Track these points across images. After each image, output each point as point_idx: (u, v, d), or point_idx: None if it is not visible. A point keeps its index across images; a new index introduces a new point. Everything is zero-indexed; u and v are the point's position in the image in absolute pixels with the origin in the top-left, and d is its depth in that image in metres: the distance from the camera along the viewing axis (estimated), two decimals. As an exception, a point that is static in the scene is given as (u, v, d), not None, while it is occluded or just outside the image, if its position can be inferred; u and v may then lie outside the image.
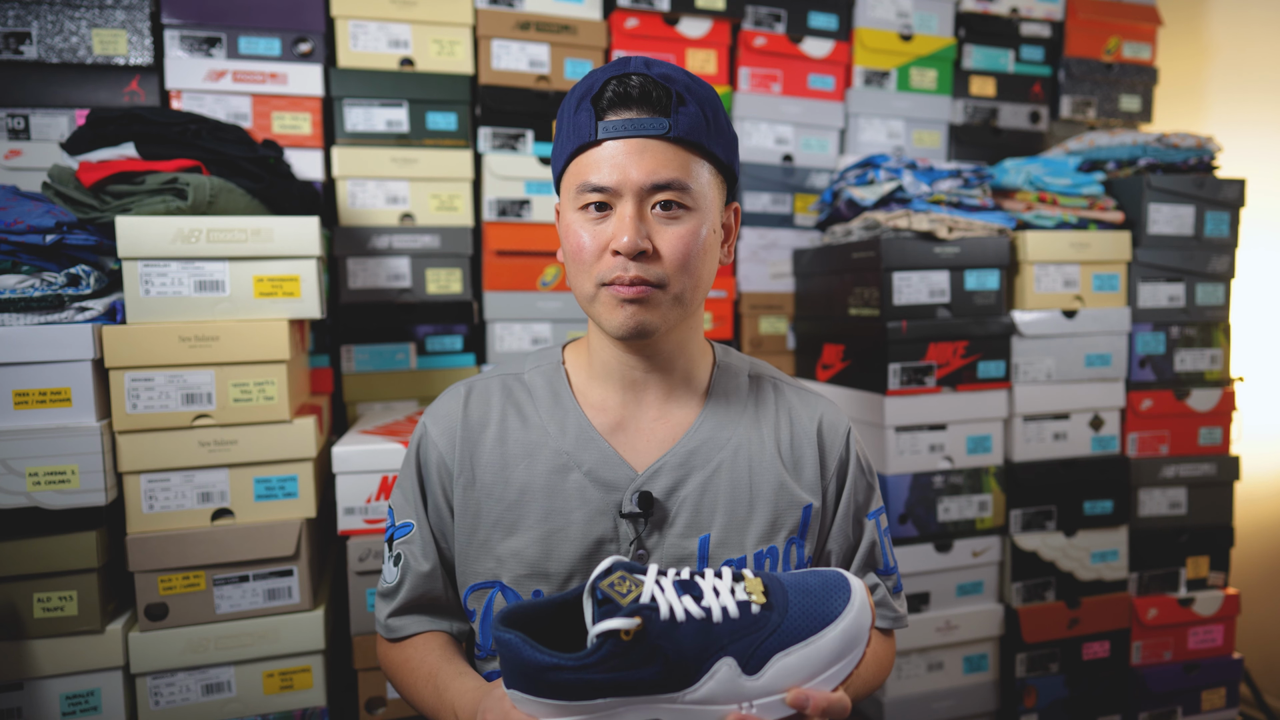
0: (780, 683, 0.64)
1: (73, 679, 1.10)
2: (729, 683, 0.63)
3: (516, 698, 0.63)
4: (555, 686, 0.61)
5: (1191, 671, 1.70)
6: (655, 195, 0.78)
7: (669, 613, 0.62)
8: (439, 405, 0.91)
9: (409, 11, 1.59)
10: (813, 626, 0.65)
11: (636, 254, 0.77)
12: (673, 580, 0.65)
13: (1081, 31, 2.03)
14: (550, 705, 0.62)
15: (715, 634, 0.63)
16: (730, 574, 0.67)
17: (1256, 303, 2.06)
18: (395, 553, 0.89)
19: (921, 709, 1.60)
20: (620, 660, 0.61)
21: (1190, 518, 1.72)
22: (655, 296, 0.79)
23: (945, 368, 1.56)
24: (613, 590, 0.62)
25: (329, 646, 1.23)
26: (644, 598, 0.62)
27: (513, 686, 0.63)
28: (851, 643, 0.65)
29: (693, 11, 1.76)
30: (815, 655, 0.64)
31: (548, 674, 0.61)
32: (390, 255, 1.62)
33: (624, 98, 0.78)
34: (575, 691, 0.61)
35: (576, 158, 0.81)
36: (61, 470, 1.06)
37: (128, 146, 1.23)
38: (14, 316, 1.06)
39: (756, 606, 0.64)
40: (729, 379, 0.92)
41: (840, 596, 0.66)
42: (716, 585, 0.65)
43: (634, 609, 0.61)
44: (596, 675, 0.61)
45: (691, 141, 0.79)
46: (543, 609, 0.67)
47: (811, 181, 1.90)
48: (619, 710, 0.62)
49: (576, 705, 0.62)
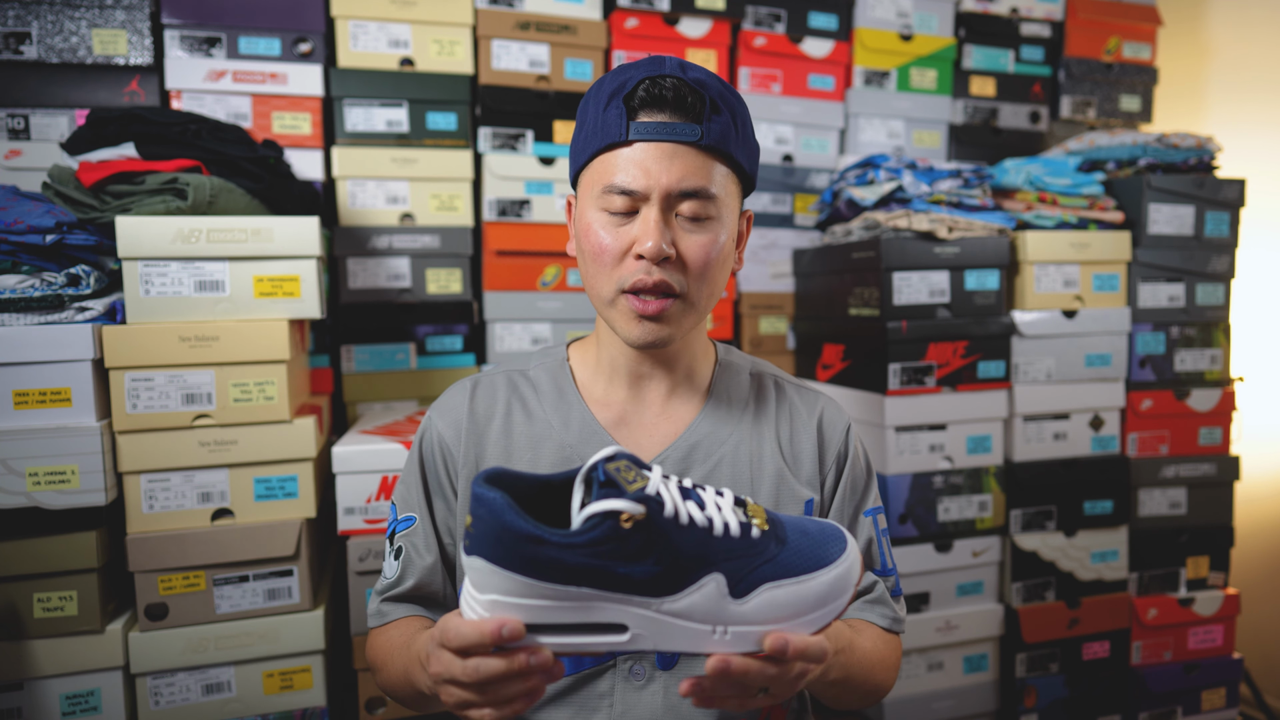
0: (763, 614, 0.61)
1: (73, 679, 1.10)
2: (713, 600, 0.59)
3: (479, 568, 0.57)
4: (530, 561, 0.56)
5: (1191, 671, 1.70)
6: (682, 202, 0.78)
7: (673, 512, 0.58)
8: (445, 399, 0.91)
9: (409, 11, 1.59)
10: (807, 566, 0.62)
11: (661, 259, 0.77)
12: (677, 484, 0.61)
13: (1081, 31, 2.03)
14: (518, 581, 0.56)
15: (712, 547, 0.59)
16: (732, 495, 0.65)
17: (1256, 303, 2.06)
18: (396, 546, 0.89)
19: (921, 709, 1.60)
20: (613, 547, 0.56)
21: (1190, 518, 1.72)
22: (674, 310, 0.80)
23: (945, 368, 1.56)
24: (619, 475, 0.58)
25: (329, 646, 1.23)
26: (650, 490, 0.58)
27: (479, 553, 0.57)
28: (838, 591, 0.63)
29: (693, 11, 1.76)
30: (805, 594, 0.62)
31: (526, 545, 0.55)
32: (390, 255, 1.62)
33: (658, 100, 0.77)
34: (552, 571, 0.56)
35: (602, 155, 0.80)
36: (61, 470, 1.06)
37: (128, 146, 1.23)
38: (14, 316, 1.06)
39: (757, 531, 0.62)
40: (731, 377, 0.92)
41: (836, 545, 0.65)
42: (719, 501, 0.63)
43: (640, 497, 0.57)
44: (582, 558, 0.56)
45: (720, 150, 0.79)
46: (527, 484, 0.62)
47: (811, 181, 1.90)
48: (589, 603, 0.57)
49: (547, 587, 0.56)
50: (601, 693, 0.82)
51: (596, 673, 0.82)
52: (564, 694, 0.82)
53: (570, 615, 0.58)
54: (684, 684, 0.62)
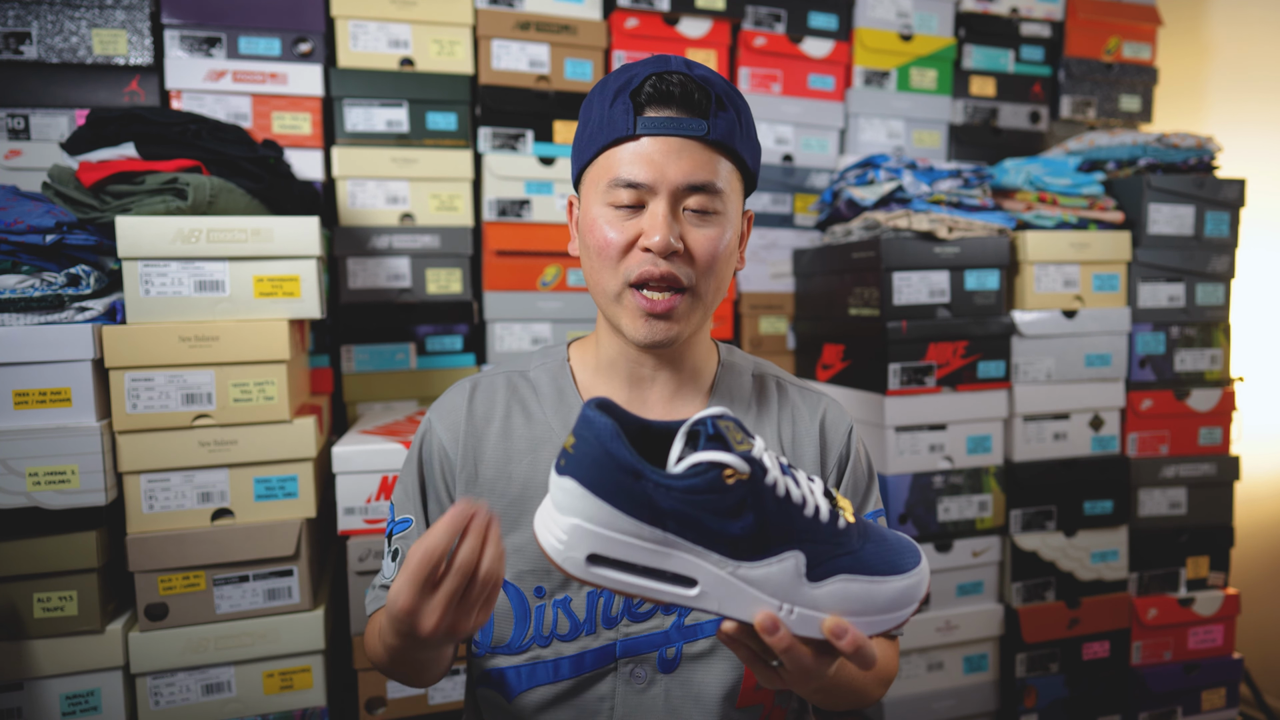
0: (832, 603, 0.61)
1: (73, 679, 1.10)
2: (789, 576, 0.59)
3: (569, 489, 0.57)
4: (625, 492, 0.55)
5: (1191, 671, 1.70)
6: (689, 196, 0.78)
7: (773, 481, 0.58)
8: (444, 400, 0.91)
9: (409, 11, 1.59)
10: (883, 569, 0.63)
11: (669, 254, 0.77)
12: (776, 458, 0.61)
13: (1081, 31, 2.03)
14: (606, 510, 0.56)
15: (800, 524, 0.60)
16: (821, 484, 0.65)
17: (1256, 303, 2.06)
18: (394, 548, 0.89)
19: (921, 709, 1.60)
20: (710, 499, 0.56)
21: (1190, 518, 1.72)
22: (682, 306, 0.80)
23: (945, 368, 1.56)
24: (729, 433, 0.57)
25: (329, 646, 1.23)
26: (755, 453, 0.58)
27: (573, 474, 0.57)
28: (905, 601, 0.64)
29: (693, 11, 1.76)
30: (875, 594, 0.62)
31: (625, 476, 0.55)
32: (390, 255, 1.62)
33: (665, 95, 0.77)
34: (644, 508, 0.56)
35: (608, 150, 0.80)
36: (61, 470, 1.06)
37: (128, 146, 1.23)
38: (14, 316, 1.06)
39: (844, 522, 0.62)
40: (733, 377, 0.92)
41: (912, 557, 0.65)
42: (811, 486, 0.63)
43: (747, 457, 0.57)
44: (676, 502, 0.56)
45: (726, 146, 0.79)
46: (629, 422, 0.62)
47: (811, 181, 1.90)
48: (669, 550, 0.58)
49: (633, 524, 0.56)
50: (602, 695, 0.82)
51: (597, 676, 0.82)
52: (564, 697, 0.82)
53: (646, 558, 0.58)
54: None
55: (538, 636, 0.82)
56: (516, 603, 0.83)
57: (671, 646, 0.82)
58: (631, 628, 0.82)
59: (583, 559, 0.58)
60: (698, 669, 0.82)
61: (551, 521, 0.59)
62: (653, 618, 0.82)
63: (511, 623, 0.83)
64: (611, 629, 0.82)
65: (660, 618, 0.82)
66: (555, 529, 0.58)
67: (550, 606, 0.82)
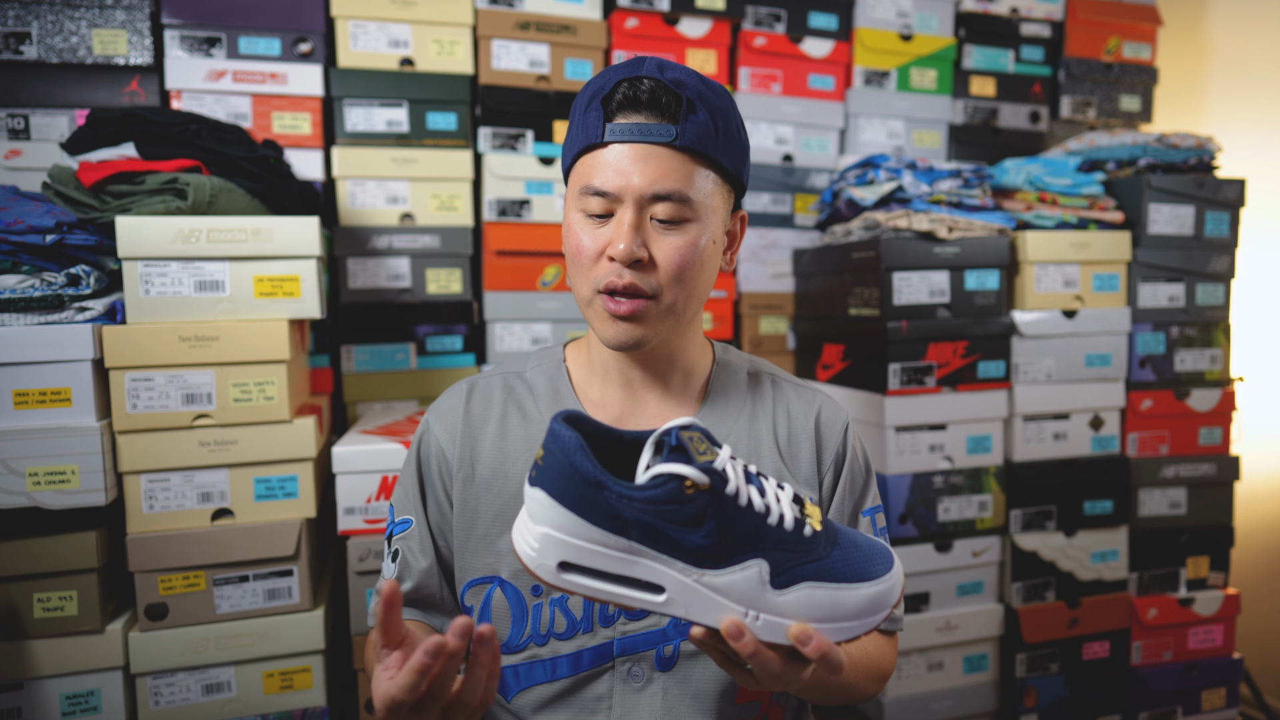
0: (797, 610, 0.62)
1: (73, 679, 1.10)
2: (752, 584, 0.61)
3: (539, 500, 0.60)
4: (589, 503, 0.58)
5: (1191, 671, 1.70)
6: (656, 204, 0.78)
7: (734, 491, 0.60)
8: (441, 402, 0.91)
9: (409, 11, 1.59)
10: (850, 576, 0.63)
11: (632, 262, 0.77)
12: (742, 467, 0.63)
13: (1081, 31, 2.03)
14: (573, 519, 0.58)
15: (763, 533, 0.61)
16: (792, 491, 0.66)
17: (1256, 303, 2.06)
18: (394, 549, 0.89)
19: (921, 709, 1.60)
20: (670, 510, 0.58)
21: (1190, 518, 1.72)
22: (647, 310, 0.79)
23: (945, 368, 1.56)
24: (691, 444, 0.59)
25: (329, 646, 1.23)
26: (717, 464, 0.59)
27: (542, 486, 0.60)
28: (874, 608, 0.64)
29: (693, 11, 1.76)
30: (841, 601, 0.63)
31: (588, 487, 0.58)
32: (390, 255, 1.62)
33: (633, 101, 0.77)
34: (607, 518, 0.58)
35: (583, 157, 0.81)
36: (61, 470, 1.06)
37: (128, 146, 1.23)
38: (14, 316, 1.06)
39: (810, 530, 0.63)
40: (728, 376, 0.92)
41: (883, 564, 0.65)
42: (779, 494, 0.64)
43: (706, 468, 0.59)
44: (638, 513, 0.58)
45: (698, 151, 0.78)
46: (601, 434, 0.64)
47: (811, 181, 1.90)
48: (634, 558, 0.59)
49: (599, 533, 0.58)
50: (599, 695, 0.82)
51: (594, 674, 0.82)
52: (562, 696, 0.82)
53: (613, 565, 0.60)
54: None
55: (535, 635, 0.82)
56: (514, 601, 0.83)
57: (669, 644, 0.82)
58: (628, 626, 0.82)
59: (554, 566, 0.60)
60: (695, 667, 0.82)
61: (525, 530, 0.62)
62: (649, 616, 0.82)
63: (509, 622, 0.83)
64: (608, 627, 0.82)
65: (657, 616, 0.82)
66: (529, 537, 0.61)
67: (547, 605, 0.82)
